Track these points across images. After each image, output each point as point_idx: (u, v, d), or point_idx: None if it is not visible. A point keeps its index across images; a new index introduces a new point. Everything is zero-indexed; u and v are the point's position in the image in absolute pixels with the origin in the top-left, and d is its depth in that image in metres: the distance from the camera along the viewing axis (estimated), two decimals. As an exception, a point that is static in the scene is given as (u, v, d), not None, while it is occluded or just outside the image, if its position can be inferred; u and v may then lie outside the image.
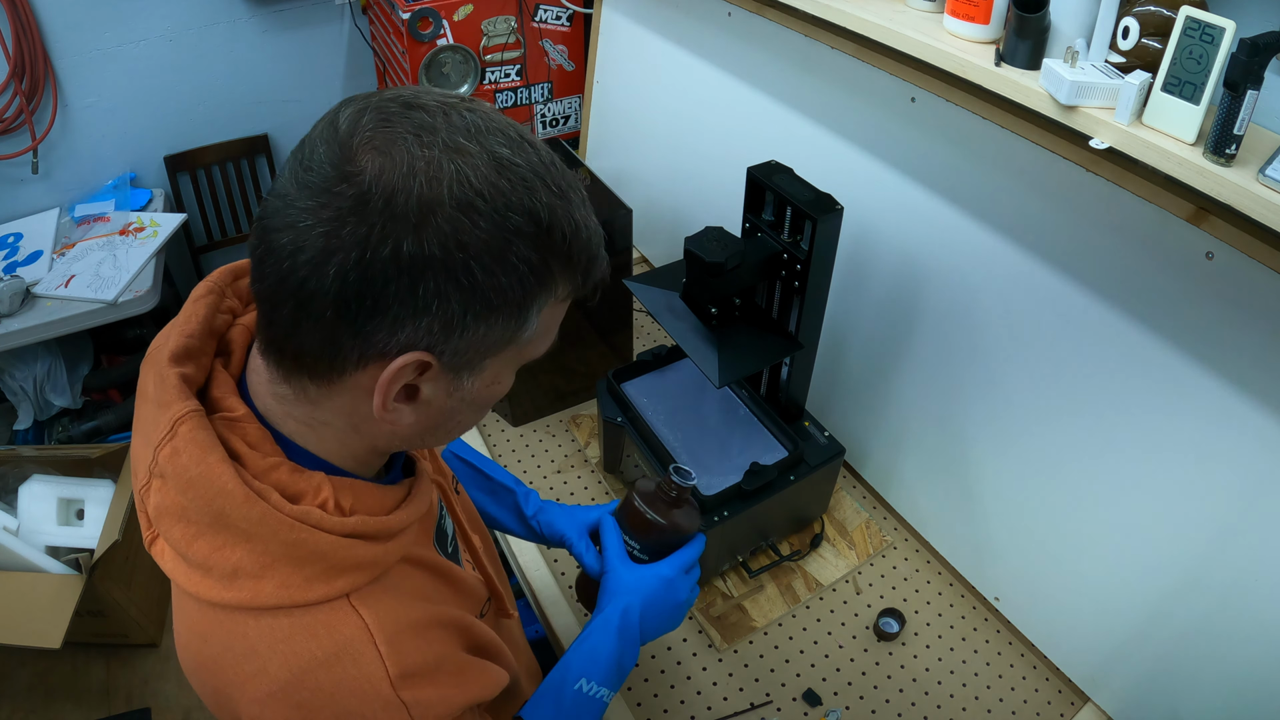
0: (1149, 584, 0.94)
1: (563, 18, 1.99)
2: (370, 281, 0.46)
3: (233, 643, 0.54)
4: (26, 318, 1.90)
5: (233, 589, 0.52)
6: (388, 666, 0.54)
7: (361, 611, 0.54)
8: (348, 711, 0.53)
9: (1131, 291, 0.89)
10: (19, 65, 1.99)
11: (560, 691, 0.76)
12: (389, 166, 0.45)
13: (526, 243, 0.48)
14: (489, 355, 0.53)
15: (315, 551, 0.52)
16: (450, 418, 0.57)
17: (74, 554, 1.76)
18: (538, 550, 1.24)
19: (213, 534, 0.52)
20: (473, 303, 0.48)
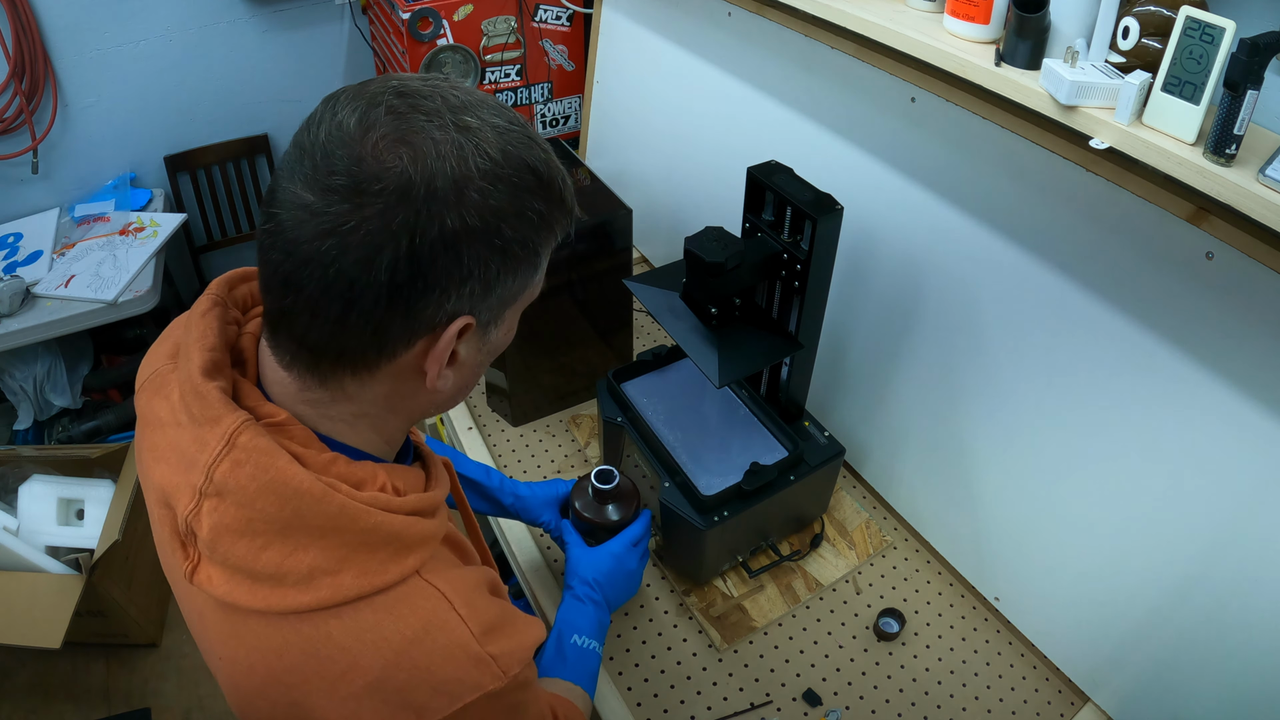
0: (1149, 584, 0.94)
1: (563, 18, 1.99)
2: (420, 263, 0.49)
3: (316, 648, 0.54)
4: (26, 318, 1.90)
5: (310, 590, 0.53)
6: (470, 627, 0.56)
7: (435, 583, 0.57)
8: (444, 680, 0.55)
9: (1131, 291, 0.89)
10: (19, 65, 1.99)
11: (560, 645, 0.90)
12: (419, 155, 0.48)
13: (535, 196, 0.53)
14: (509, 305, 0.58)
15: (390, 534, 0.55)
16: (476, 373, 0.61)
17: (74, 554, 1.76)
18: (532, 542, 1.24)
19: (282, 540, 0.52)
20: (506, 260, 0.53)
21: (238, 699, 0.59)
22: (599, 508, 1.06)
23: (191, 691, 1.91)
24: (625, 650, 1.12)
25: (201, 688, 1.92)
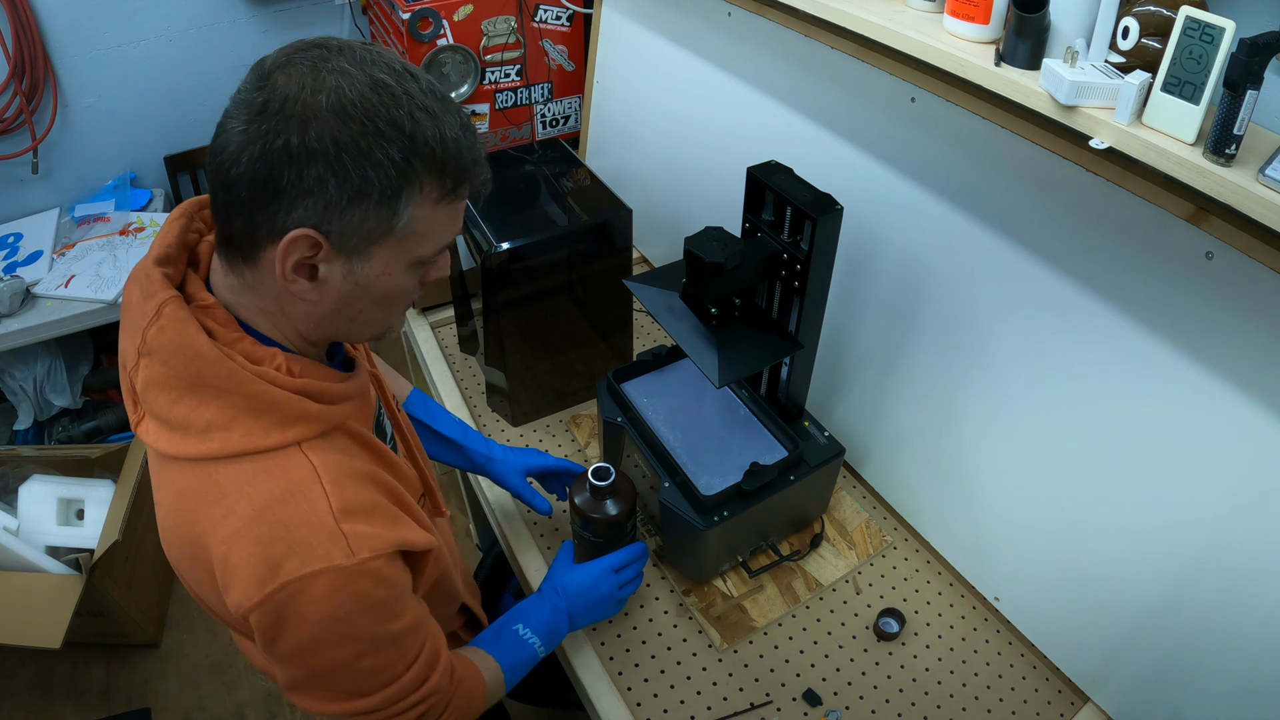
0: (1149, 584, 0.94)
1: (563, 18, 1.99)
2: (270, 168, 0.59)
3: (206, 491, 0.65)
4: (26, 318, 1.90)
5: (206, 442, 0.64)
6: (331, 502, 0.65)
7: (310, 457, 0.67)
8: (299, 541, 0.63)
9: (1131, 291, 0.89)
10: (19, 65, 1.99)
11: (501, 629, 0.96)
12: (287, 82, 0.59)
13: (391, 145, 0.60)
14: (373, 243, 0.64)
15: (272, 402, 0.65)
16: (351, 302, 0.68)
17: (74, 554, 1.76)
18: (533, 543, 1.24)
19: (190, 396, 0.64)
20: (346, 189, 0.60)
21: (164, 541, 0.71)
22: (597, 504, 1.09)
23: (191, 691, 1.91)
24: (625, 650, 1.12)
25: (201, 688, 1.92)
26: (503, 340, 1.31)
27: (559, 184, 1.37)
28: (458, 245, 1.45)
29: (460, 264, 1.48)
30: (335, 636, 0.66)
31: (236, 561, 0.63)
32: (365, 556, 0.65)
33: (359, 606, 0.66)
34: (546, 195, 1.35)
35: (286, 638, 0.65)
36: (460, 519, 2.31)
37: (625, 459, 1.24)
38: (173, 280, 0.68)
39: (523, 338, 1.33)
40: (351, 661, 0.69)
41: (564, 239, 1.26)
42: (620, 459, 1.25)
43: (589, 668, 1.09)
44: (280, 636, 0.65)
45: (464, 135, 0.65)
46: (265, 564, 0.63)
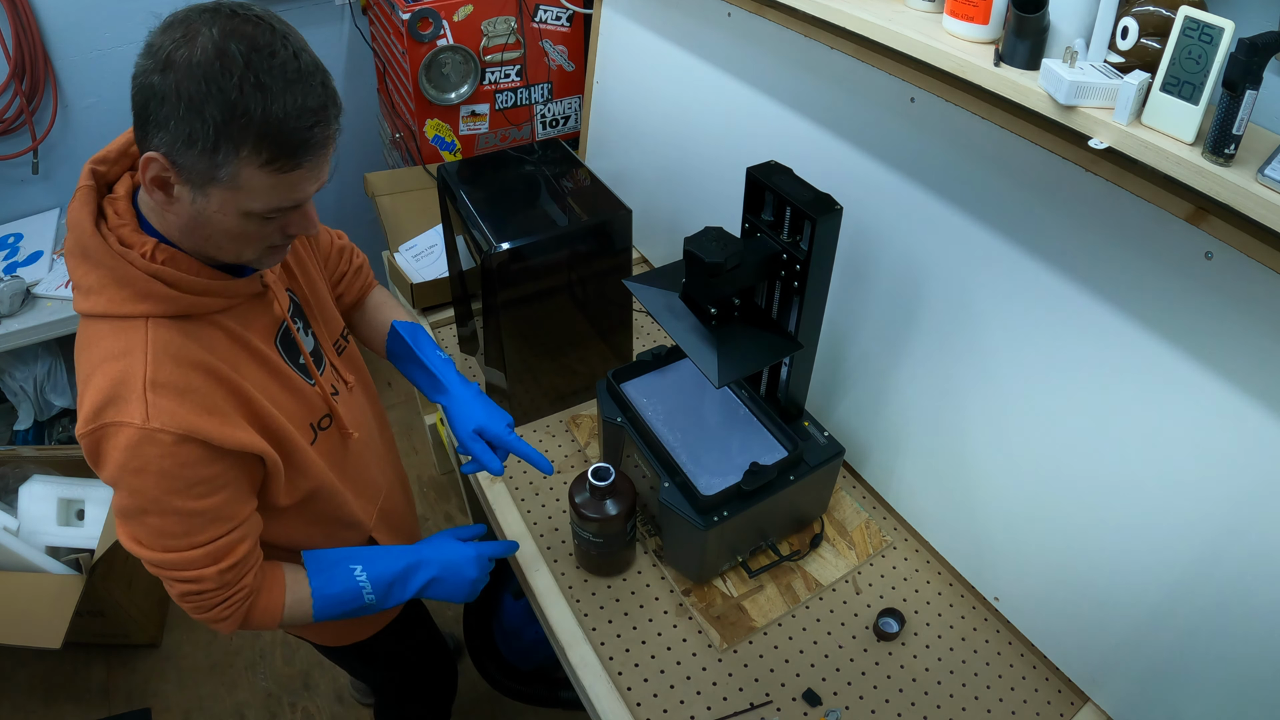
0: (1149, 584, 0.94)
1: (563, 18, 1.99)
2: (143, 97, 0.71)
3: (83, 339, 0.81)
4: (26, 318, 1.90)
5: (87, 300, 0.79)
6: (147, 371, 0.77)
7: (150, 331, 0.79)
8: (117, 396, 0.76)
9: (1131, 291, 0.89)
10: (19, 65, 1.99)
11: (338, 557, 0.99)
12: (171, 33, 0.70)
13: (215, 107, 0.69)
14: (207, 183, 0.73)
15: (126, 277, 0.78)
16: (199, 225, 0.78)
17: (74, 554, 1.76)
18: (532, 540, 1.25)
19: (83, 262, 0.79)
20: (180, 131, 0.70)
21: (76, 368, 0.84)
22: (597, 504, 1.09)
23: (191, 691, 1.91)
24: (625, 650, 1.12)
25: (201, 688, 1.92)
26: (503, 340, 1.31)
27: (559, 184, 1.37)
28: (458, 245, 1.45)
29: (460, 264, 1.48)
30: (128, 485, 0.79)
31: (81, 397, 0.79)
32: (156, 427, 0.76)
33: (146, 467, 0.77)
34: (546, 195, 1.35)
35: (100, 470, 0.80)
36: (460, 519, 2.31)
37: (625, 459, 1.24)
38: (104, 176, 0.84)
39: (523, 338, 1.33)
40: (139, 512, 0.81)
41: (564, 239, 1.26)
42: (620, 459, 1.25)
43: (589, 668, 1.09)
44: (97, 466, 0.80)
45: (300, 115, 0.72)
46: (92, 405, 0.77)
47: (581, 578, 1.21)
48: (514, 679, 1.70)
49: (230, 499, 0.85)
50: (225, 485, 0.83)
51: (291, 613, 0.95)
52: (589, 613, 1.16)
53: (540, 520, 1.29)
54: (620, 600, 1.18)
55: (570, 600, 1.18)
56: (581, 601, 1.18)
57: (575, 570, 1.22)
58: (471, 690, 1.90)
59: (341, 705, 1.88)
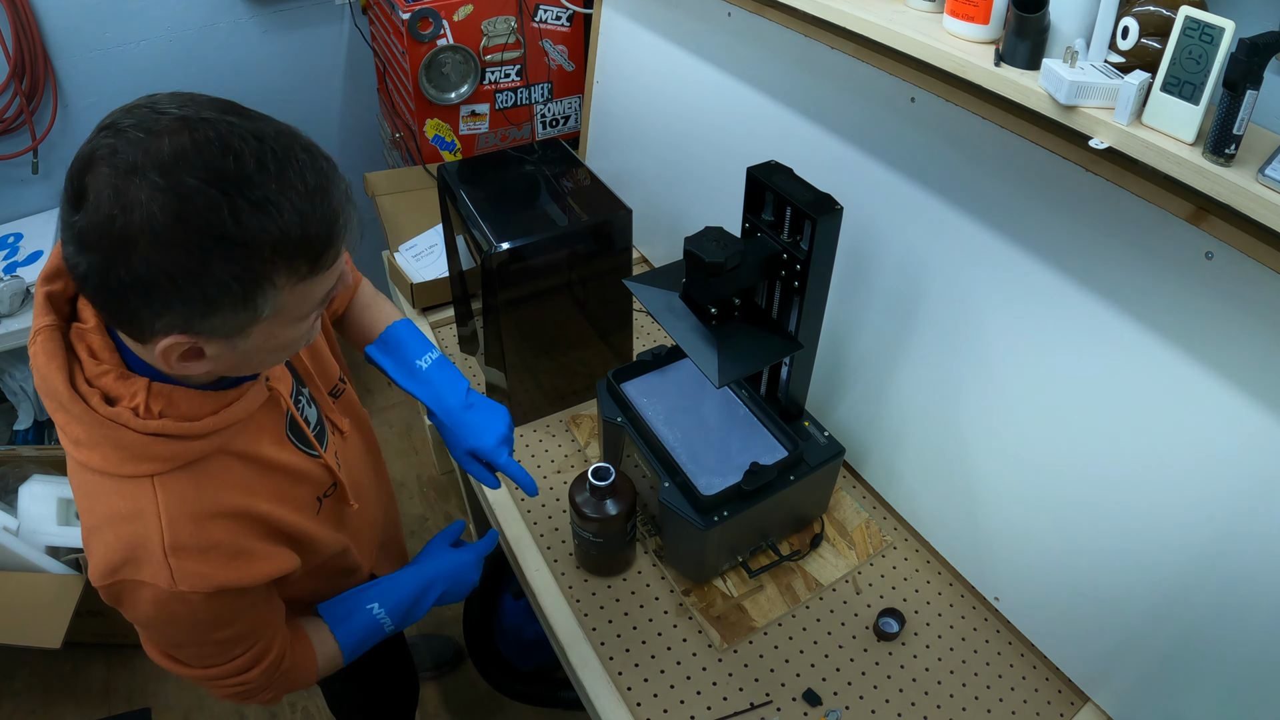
0: (1149, 584, 0.94)
1: (563, 18, 1.99)
2: (116, 299, 0.59)
3: (81, 484, 0.72)
4: (26, 318, 1.90)
5: (80, 452, 0.69)
6: (165, 537, 0.70)
7: (159, 491, 0.70)
8: (132, 557, 0.69)
9: (1131, 291, 0.89)
10: (19, 65, 1.99)
11: (355, 603, 0.96)
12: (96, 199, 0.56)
13: (225, 258, 0.58)
14: (247, 326, 0.64)
15: (123, 443, 0.68)
16: (248, 360, 0.70)
17: (74, 554, 1.76)
18: (532, 540, 1.25)
19: (65, 414, 0.68)
20: (194, 308, 0.60)
21: None
22: (597, 504, 1.09)
23: (192, 691, 1.91)
24: (625, 650, 1.12)
25: (201, 688, 1.92)
26: (503, 340, 1.31)
27: (559, 184, 1.37)
28: (458, 245, 1.45)
29: (460, 264, 1.48)
30: (159, 630, 0.77)
31: (90, 549, 0.72)
32: (185, 590, 0.71)
33: (176, 620, 0.74)
34: (546, 195, 1.35)
35: (124, 613, 0.75)
36: (461, 518, 2.31)
37: (625, 459, 1.24)
38: (60, 296, 0.72)
39: (523, 338, 1.33)
40: (174, 646, 0.80)
41: (564, 239, 1.26)
42: (620, 459, 1.25)
43: (589, 668, 1.09)
44: (119, 609, 0.75)
45: (311, 207, 0.60)
46: (106, 562, 0.70)
47: (581, 578, 1.21)
48: (514, 679, 1.70)
49: (261, 612, 0.83)
50: (255, 604, 0.81)
51: (325, 667, 0.94)
52: (589, 613, 1.16)
53: (540, 520, 1.29)
54: (620, 600, 1.18)
55: (570, 600, 1.18)
56: (581, 601, 1.18)
57: (575, 570, 1.22)
58: (471, 690, 1.90)
59: (341, 705, 1.88)
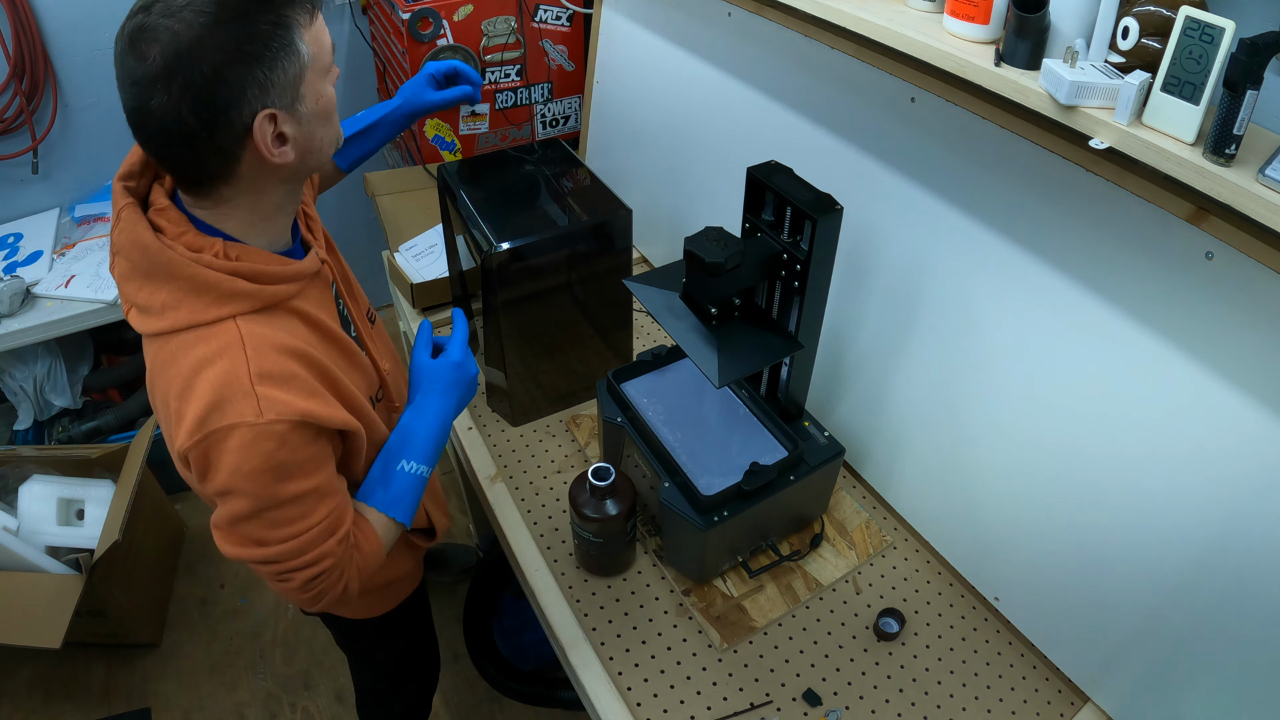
0: (1149, 584, 0.94)
1: (563, 18, 1.99)
2: (207, 103, 0.71)
3: (165, 359, 0.79)
4: (26, 318, 1.90)
5: (163, 319, 0.78)
6: (250, 366, 0.76)
7: (240, 327, 0.78)
8: (222, 399, 0.75)
9: (1131, 291, 0.89)
10: (19, 65, 1.99)
11: (386, 472, 0.96)
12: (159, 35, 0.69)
13: (260, 13, 0.71)
14: (299, 84, 0.76)
15: (207, 283, 0.77)
16: (313, 137, 0.81)
17: (74, 554, 1.76)
18: (533, 544, 1.25)
19: (149, 283, 0.78)
20: (261, 67, 0.72)
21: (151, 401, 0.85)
22: (597, 504, 1.09)
23: (191, 691, 1.91)
24: (625, 650, 1.12)
25: (201, 688, 1.92)
26: (503, 340, 1.31)
27: (559, 184, 1.37)
28: (458, 245, 1.45)
29: (460, 264, 1.48)
30: (243, 488, 0.78)
31: (179, 412, 0.77)
32: (272, 418, 0.76)
33: (262, 464, 0.77)
34: (546, 195, 1.35)
35: (209, 480, 0.78)
36: (460, 519, 2.31)
37: (625, 459, 1.24)
38: (135, 192, 0.83)
39: (523, 338, 1.33)
40: (256, 511, 0.80)
41: (564, 239, 1.26)
42: (620, 459, 1.25)
43: (589, 668, 1.09)
44: (205, 478, 0.78)
45: None
46: (196, 416, 0.75)
47: (581, 578, 1.21)
48: (514, 679, 1.69)
49: (331, 472, 0.86)
50: (326, 459, 0.85)
51: (386, 537, 0.95)
52: (589, 613, 1.16)
53: (540, 520, 1.29)
54: (620, 600, 1.18)
55: (570, 600, 1.18)
56: (581, 601, 1.18)
57: (575, 570, 1.22)
58: (471, 690, 1.90)
59: (341, 705, 1.88)
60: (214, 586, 2.14)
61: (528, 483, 1.35)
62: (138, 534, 1.95)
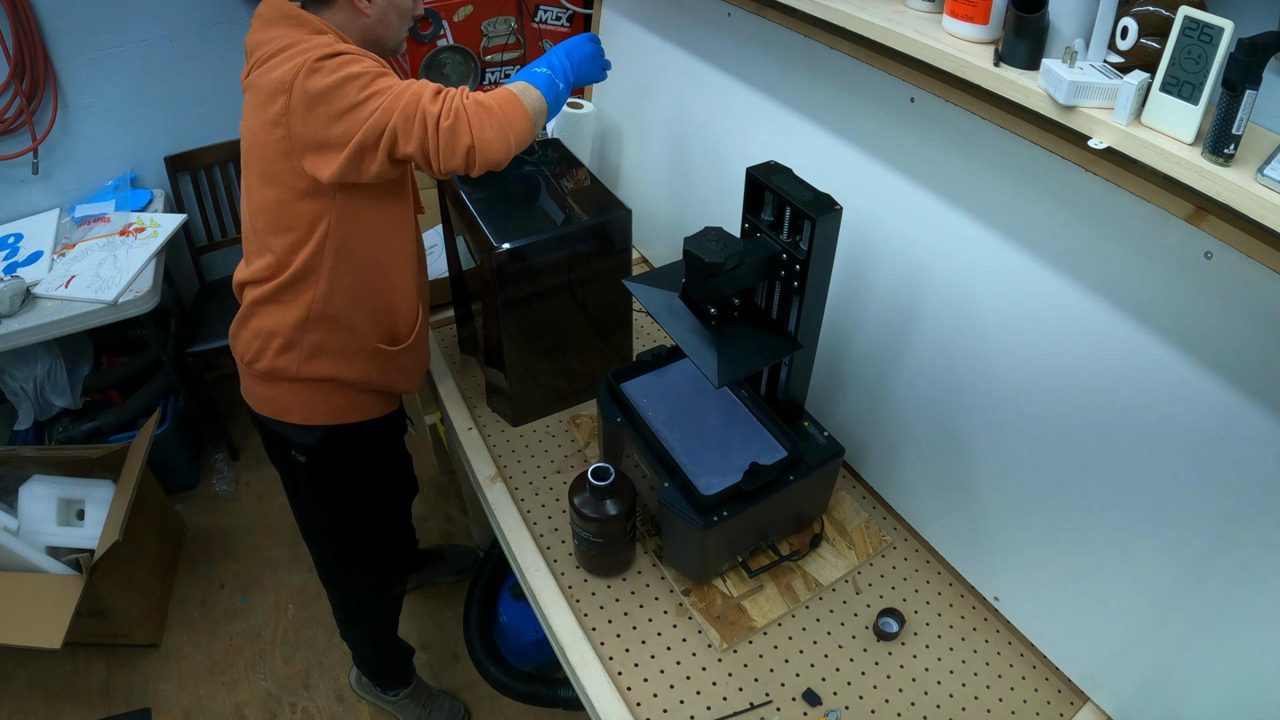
0: (1149, 584, 0.94)
1: (563, 18, 1.99)
2: None
3: (271, 66, 1.06)
4: (27, 318, 1.90)
5: (281, 42, 1.07)
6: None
7: None
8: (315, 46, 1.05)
9: (1130, 291, 0.89)
10: (19, 65, 1.99)
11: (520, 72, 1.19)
12: None
13: None
14: None
15: (319, 29, 1.10)
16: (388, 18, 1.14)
17: (74, 554, 1.77)
18: (533, 543, 1.25)
19: (280, 23, 1.10)
20: None
21: (244, 133, 1.13)
22: (597, 504, 1.09)
23: (191, 691, 1.91)
24: (625, 650, 1.12)
25: (201, 688, 1.92)
26: (503, 340, 1.31)
27: (559, 184, 1.37)
28: (458, 245, 1.45)
29: (460, 264, 1.48)
30: (346, 65, 1.02)
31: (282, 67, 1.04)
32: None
33: (349, 53, 1.04)
34: (546, 195, 1.35)
35: (313, 84, 1.00)
36: (460, 519, 2.31)
37: (625, 459, 1.24)
38: None
39: (523, 338, 1.33)
40: (370, 79, 1.02)
41: (564, 239, 1.26)
42: (620, 459, 1.25)
43: (589, 668, 1.09)
44: (310, 84, 1.00)
45: None
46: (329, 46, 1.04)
47: (581, 578, 1.21)
48: (514, 679, 1.70)
49: None
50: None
51: (532, 106, 1.12)
52: (589, 613, 1.16)
53: (540, 520, 1.30)
54: (620, 600, 1.18)
55: (570, 600, 1.18)
56: (581, 601, 1.18)
57: (575, 570, 1.22)
58: (471, 690, 1.90)
59: (341, 705, 1.88)
60: (214, 586, 2.14)
61: (527, 483, 1.35)
62: (138, 534, 1.95)
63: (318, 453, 1.31)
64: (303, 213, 1.10)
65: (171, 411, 2.26)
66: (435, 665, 1.96)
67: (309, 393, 1.25)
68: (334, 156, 1.04)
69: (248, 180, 1.15)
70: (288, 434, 1.30)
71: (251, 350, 1.22)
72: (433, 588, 2.10)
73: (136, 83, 2.21)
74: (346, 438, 1.31)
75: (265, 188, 1.11)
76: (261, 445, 1.42)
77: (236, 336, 1.25)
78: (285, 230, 1.12)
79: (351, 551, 1.46)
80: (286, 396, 1.26)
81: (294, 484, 1.38)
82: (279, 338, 1.19)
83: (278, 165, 1.08)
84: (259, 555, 2.22)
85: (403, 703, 1.78)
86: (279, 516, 2.31)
